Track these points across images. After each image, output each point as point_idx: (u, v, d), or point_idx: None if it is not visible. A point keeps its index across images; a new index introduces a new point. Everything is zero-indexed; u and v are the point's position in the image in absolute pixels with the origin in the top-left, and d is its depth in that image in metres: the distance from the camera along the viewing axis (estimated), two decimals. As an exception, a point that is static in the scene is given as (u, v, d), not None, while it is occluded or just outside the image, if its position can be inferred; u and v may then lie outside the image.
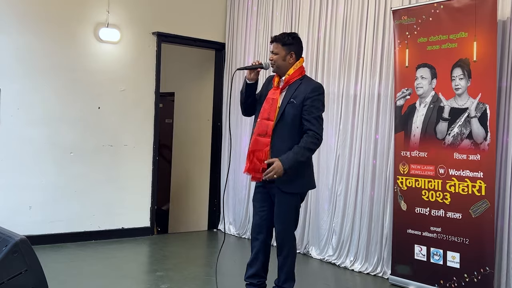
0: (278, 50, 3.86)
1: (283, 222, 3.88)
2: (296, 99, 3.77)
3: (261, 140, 3.81)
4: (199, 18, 6.88)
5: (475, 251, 4.19)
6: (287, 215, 3.88)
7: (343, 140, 5.44)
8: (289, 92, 3.83)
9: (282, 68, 3.88)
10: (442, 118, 4.44)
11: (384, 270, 5.01)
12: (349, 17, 5.47)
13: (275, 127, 3.78)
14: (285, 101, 3.81)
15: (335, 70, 5.59)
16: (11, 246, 3.26)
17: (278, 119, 3.78)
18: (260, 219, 3.98)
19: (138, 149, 6.38)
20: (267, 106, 3.85)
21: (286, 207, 3.86)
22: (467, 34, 4.26)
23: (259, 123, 3.86)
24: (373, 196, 5.15)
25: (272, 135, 3.78)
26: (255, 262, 4.00)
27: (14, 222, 5.24)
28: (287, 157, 3.67)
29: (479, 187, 4.17)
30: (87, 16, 6.01)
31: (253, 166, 3.84)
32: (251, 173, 3.89)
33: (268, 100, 3.87)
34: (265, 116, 3.84)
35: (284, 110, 3.79)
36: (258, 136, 3.84)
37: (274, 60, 3.87)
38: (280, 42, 3.87)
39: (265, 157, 3.77)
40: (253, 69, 3.89)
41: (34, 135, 5.67)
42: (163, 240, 6.59)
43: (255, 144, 3.83)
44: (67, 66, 5.88)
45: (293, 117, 3.77)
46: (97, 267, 5.10)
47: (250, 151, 3.86)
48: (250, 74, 3.90)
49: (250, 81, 3.91)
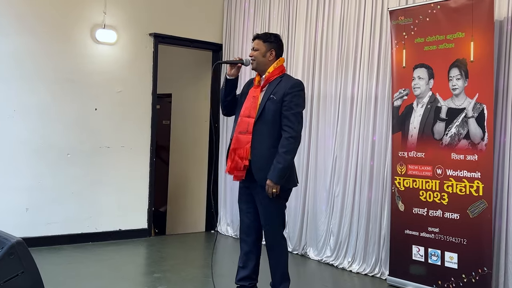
0: (259, 46, 3.91)
1: (268, 222, 3.87)
2: (276, 95, 3.79)
3: (242, 138, 3.81)
4: (196, 19, 6.88)
5: (473, 252, 4.19)
6: (272, 215, 3.86)
7: (341, 141, 5.43)
8: (269, 89, 3.85)
9: (261, 65, 3.90)
10: (440, 119, 4.44)
11: (382, 271, 5.00)
12: (346, 17, 5.46)
13: (255, 124, 3.79)
14: (266, 97, 3.83)
15: (332, 71, 5.59)
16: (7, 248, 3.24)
17: (259, 115, 3.79)
18: (248, 220, 3.97)
19: (135, 151, 6.37)
20: (248, 103, 3.87)
21: (269, 206, 3.83)
22: (464, 34, 4.26)
23: (239, 121, 3.87)
24: (370, 197, 5.14)
25: (253, 132, 3.78)
26: (246, 264, 3.99)
27: (11, 224, 5.22)
28: (272, 172, 3.70)
29: (476, 188, 4.17)
30: (83, 17, 6.00)
31: (235, 165, 3.83)
32: (233, 172, 3.87)
33: (249, 98, 3.89)
34: (246, 113, 3.85)
35: (265, 107, 3.80)
36: (239, 134, 3.84)
37: (254, 56, 3.90)
38: (262, 39, 3.93)
39: (246, 154, 3.77)
40: (233, 63, 3.93)
41: (31, 137, 5.66)
42: (160, 241, 6.57)
43: (236, 142, 3.84)
44: (63, 67, 5.86)
45: (274, 113, 3.78)
46: (94, 269, 5.08)
47: (232, 150, 3.86)
48: (230, 69, 3.95)
49: (230, 77, 3.94)
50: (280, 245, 3.93)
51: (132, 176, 6.35)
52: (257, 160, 3.78)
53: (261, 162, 3.77)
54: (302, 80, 5.83)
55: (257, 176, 3.78)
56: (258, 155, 3.78)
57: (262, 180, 3.76)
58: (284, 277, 3.94)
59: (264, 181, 3.76)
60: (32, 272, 3.31)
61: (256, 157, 3.78)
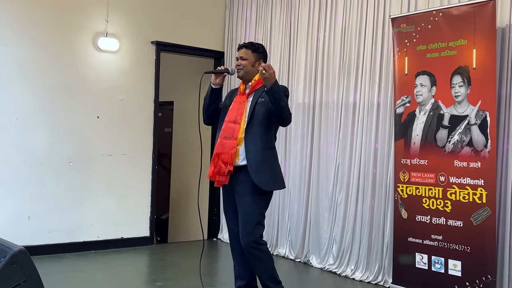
0: (248, 56, 3.94)
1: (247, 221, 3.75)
2: (265, 97, 3.80)
3: (227, 143, 3.82)
4: (198, 27, 6.89)
5: (477, 259, 4.17)
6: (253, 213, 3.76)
7: (343, 148, 5.43)
8: (256, 95, 3.89)
9: (249, 74, 3.94)
10: (442, 126, 4.43)
11: (385, 278, 4.98)
12: (348, 25, 5.47)
13: (247, 128, 3.81)
14: (253, 102, 3.86)
15: (334, 78, 5.59)
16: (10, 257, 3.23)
17: (249, 119, 3.81)
18: (236, 228, 3.92)
19: (137, 158, 6.37)
20: (234, 110, 3.89)
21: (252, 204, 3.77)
22: (466, 41, 4.26)
23: (225, 126, 3.88)
24: (373, 204, 5.13)
25: (245, 136, 3.79)
26: (243, 272, 3.98)
27: (13, 233, 5.21)
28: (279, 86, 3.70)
29: (480, 195, 4.16)
30: (85, 26, 6.02)
31: (218, 170, 3.82)
32: (215, 177, 3.86)
33: (235, 105, 3.91)
34: (231, 119, 3.87)
35: (254, 110, 3.83)
36: (224, 139, 3.84)
37: (243, 65, 3.92)
38: (251, 48, 3.96)
39: (231, 159, 3.77)
40: (219, 73, 3.96)
41: (33, 145, 5.66)
42: (162, 249, 6.56)
43: (220, 147, 3.84)
44: (66, 75, 5.88)
45: (264, 113, 3.81)
46: (96, 277, 5.07)
47: (215, 154, 3.86)
48: (215, 79, 3.97)
49: (215, 86, 3.96)
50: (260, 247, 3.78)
51: (134, 184, 6.34)
52: (253, 163, 3.78)
53: (258, 164, 3.78)
54: (304, 87, 5.87)
55: (255, 178, 3.76)
56: (253, 157, 3.78)
57: (261, 183, 3.76)
58: (273, 281, 3.83)
59: (264, 184, 3.77)
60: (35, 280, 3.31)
61: (252, 160, 3.78)
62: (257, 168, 3.78)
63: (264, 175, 3.79)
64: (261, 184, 3.77)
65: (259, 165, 3.78)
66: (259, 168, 3.78)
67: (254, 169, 3.77)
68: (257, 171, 3.77)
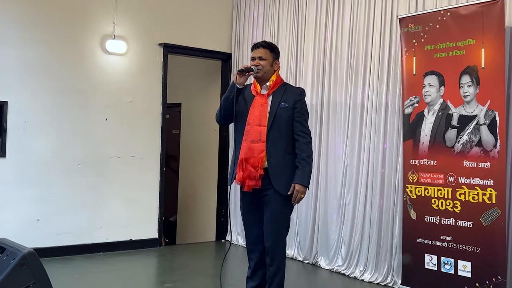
0: (267, 56, 3.91)
1: (276, 229, 3.84)
2: (287, 102, 3.83)
3: (255, 147, 3.79)
4: (205, 29, 6.90)
5: (487, 260, 4.14)
6: (281, 222, 3.85)
7: (351, 149, 5.41)
8: (277, 97, 3.87)
9: (267, 74, 3.91)
10: (451, 126, 4.41)
11: (394, 279, 4.96)
12: (356, 25, 5.46)
13: (269, 132, 3.80)
14: (275, 105, 3.85)
15: (342, 79, 5.58)
16: (19, 259, 3.25)
17: (271, 123, 3.81)
18: (257, 230, 3.93)
19: (145, 160, 6.38)
20: (257, 112, 3.85)
21: (280, 212, 3.84)
22: (474, 41, 4.24)
23: (249, 129, 3.83)
24: (382, 205, 5.11)
25: (267, 140, 3.79)
26: (254, 274, 3.97)
27: (22, 235, 5.25)
28: (301, 176, 3.78)
29: (489, 195, 4.13)
30: (93, 28, 6.04)
31: (248, 174, 3.80)
32: (245, 182, 3.83)
33: (257, 106, 3.87)
34: (256, 122, 3.83)
35: (276, 114, 3.82)
36: (251, 142, 3.81)
37: (262, 65, 3.88)
38: (268, 48, 3.94)
39: (261, 163, 3.76)
40: (245, 72, 3.88)
41: (42, 147, 5.68)
42: (171, 251, 6.57)
43: (248, 151, 3.80)
44: (74, 78, 5.90)
45: (286, 119, 3.83)
46: (105, 279, 5.08)
47: (243, 159, 3.81)
48: (240, 78, 3.87)
49: (240, 86, 3.89)
50: (283, 253, 3.91)
51: (142, 185, 6.36)
52: (274, 168, 3.79)
53: (278, 169, 3.80)
54: (312, 88, 5.86)
55: (275, 183, 3.78)
56: (274, 162, 3.80)
57: (281, 187, 3.78)
58: (281, 286, 3.89)
59: (283, 188, 3.78)
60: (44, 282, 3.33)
61: (272, 165, 3.79)
62: (277, 173, 3.80)
63: (283, 180, 3.80)
64: (280, 188, 3.79)
65: (280, 170, 3.80)
66: (279, 173, 3.80)
67: (274, 174, 3.80)
68: (277, 176, 3.80)
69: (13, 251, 3.34)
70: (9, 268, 3.22)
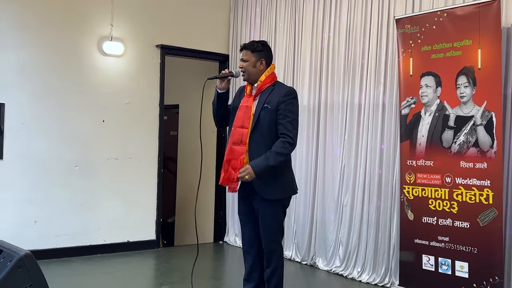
0: (248, 57, 3.86)
1: (269, 232, 3.82)
2: (270, 104, 3.74)
3: (236, 149, 3.77)
4: (203, 30, 6.90)
5: (484, 260, 4.14)
6: (272, 225, 3.81)
7: (348, 150, 5.41)
8: (262, 98, 3.80)
9: (252, 75, 3.86)
10: (448, 127, 4.42)
11: (392, 280, 4.96)
12: (352, 26, 5.46)
13: (251, 134, 3.75)
14: (259, 107, 3.78)
15: (339, 79, 5.58)
16: (16, 261, 3.24)
17: (254, 125, 3.75)
18: (250, 231, 3.92)
19: (143, 162, 6.38)
20: (241, 114, 3.82)
21: (270, 216, 3.79)
22: (471, 41, 4.25)
23: (233, 132, 3.82)
24: (379, 206, 5.11)
25: (249, 143, 3.74)
26: (250, 276, 3.96)
27: (19, 237, 5.24)
28: (257, 161, 3.66)
29: (486, 196, 4.13)
30: (90, 30, 6.04)
31: (228, 176, 3.78)
32: (226, 184, 3.83)
33: (242, 108, 3.84)
34: (239, 124, 3.81)
35: (259, 116, 3.76)
36: (232, 144, 3.80)
37: (244, 67, 3.85)
38: (250, 49, 3.87)
39: (241, 165, 3.71)
40: (223, 77, 3.88)
41: (39, 149, 5.68)
42: (169, 253, 6.56)
43: (230, 153, 3.79)
44: (71, 79, 5.89)
45: (269, 122, 3.74)
46: (103, 281, 5.07)
47: (225, 161, 3.81)
48: (220, 83, 3.89)
49: (221, 91, 3.91)
50: (278, 255, 3.87)
51: (140, 187, 6.35)
52: None
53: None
54: (309, 89, 5.85)
55: (258, 188, 3.74)
56: None
57: (265, 192, 3.74)
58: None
59: (268, 193, 3.74)
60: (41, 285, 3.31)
61: None
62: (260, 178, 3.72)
63: (266, 184, 3.73)
64: (264, 194, 3.74)
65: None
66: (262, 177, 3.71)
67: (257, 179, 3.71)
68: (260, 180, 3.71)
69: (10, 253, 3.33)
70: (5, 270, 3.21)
